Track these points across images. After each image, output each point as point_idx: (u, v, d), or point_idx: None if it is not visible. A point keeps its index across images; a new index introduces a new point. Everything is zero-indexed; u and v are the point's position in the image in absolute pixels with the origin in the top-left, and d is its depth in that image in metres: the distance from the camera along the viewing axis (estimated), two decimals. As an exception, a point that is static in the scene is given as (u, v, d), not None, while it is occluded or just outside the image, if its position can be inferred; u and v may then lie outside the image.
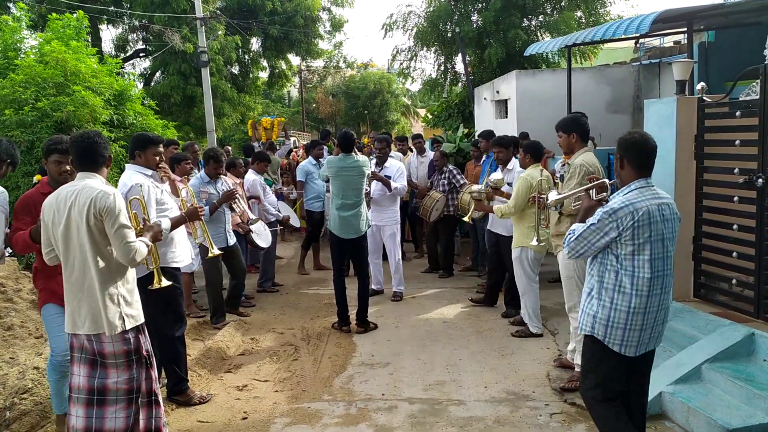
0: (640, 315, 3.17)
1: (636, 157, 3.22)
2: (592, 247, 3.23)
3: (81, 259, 3.27)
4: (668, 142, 5.26)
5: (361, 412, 4.52)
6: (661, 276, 3.17)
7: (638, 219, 3.10)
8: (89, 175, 3.36)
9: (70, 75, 7.90)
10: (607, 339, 3.24)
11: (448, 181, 8.28)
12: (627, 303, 3.17)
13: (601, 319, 3.24)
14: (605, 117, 10.11)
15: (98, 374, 3.29)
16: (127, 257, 3.29)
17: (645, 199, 3.15)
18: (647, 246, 3.13)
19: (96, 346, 3.29)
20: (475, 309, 7.00)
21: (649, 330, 3.22)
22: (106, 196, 3.23)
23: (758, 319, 4.68)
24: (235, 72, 23.81)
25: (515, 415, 4.40)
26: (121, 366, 3.32)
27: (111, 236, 3.26)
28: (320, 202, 8.88)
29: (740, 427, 3.77)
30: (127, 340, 3.32)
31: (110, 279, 3.31)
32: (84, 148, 3.36)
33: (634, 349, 3.21)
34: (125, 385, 3.32)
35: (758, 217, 4.63)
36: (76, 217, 3.23)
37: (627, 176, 3.26)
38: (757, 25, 8.38)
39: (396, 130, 31.63)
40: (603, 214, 3.17)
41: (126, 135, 8.26)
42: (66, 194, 3.29)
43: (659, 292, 3.18)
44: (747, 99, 4.71)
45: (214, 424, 4.37)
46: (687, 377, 4.37)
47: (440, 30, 14.70)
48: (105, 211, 3.21)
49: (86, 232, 3.23)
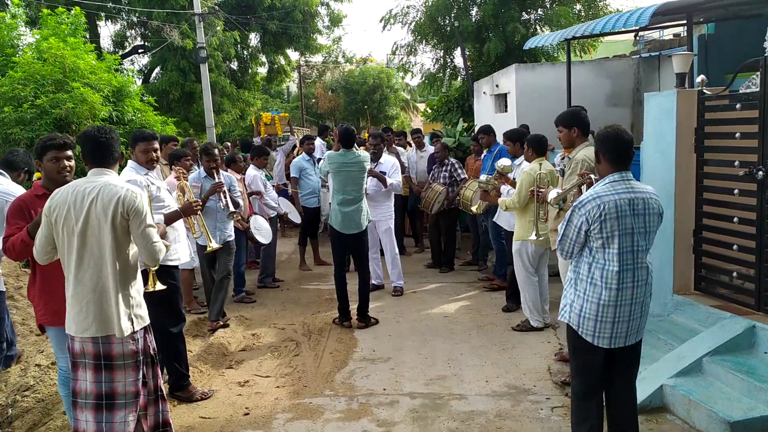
0: (611, 308, 3.19)
1: (610, 151, 3.26)
2: (574, 244, 3.29)
3: (98, 258, 3.17)
4: (668, 135, 5.25)
5: (363, 407, 4.53)
6: (632, 269, 3.19)
7: (605, 212, 3.13)
8: (104, 171, 3.28)
9: (68, 72, 7.91)
10: (580, 329, 3.29)
11: (449, 174, 8.28)
12: (597, 295, 3.21)
13: (575, 309, 3.31)
14: (605, 110, 10.08)
15: (104, 378, 3.20)
16: (153, 257, 3.27)
17: (615, 192, 3.18)
18: (615, 239, 3.16)
19: (103, 348, 3.19)
20: (475, 303, 7.00)
21: (624, 323, 3.22)
22: (133, 196, 3.19)
23: (759, 312, 4.68)
24: (234, 68, 23.74)
25: (516, 409, 4.41)
26: (129, 367, 3.24)
27: (137, 236, 3.21)
28: (315, 198, 8.88)
29: (741, 419, 3.78)
30: (136, 341, 3.26)
31: (126, 280, 3.25)
32: (100, 143, 3.28)
33: (607, 341, 3.23)
34: (133, 388, 3.25)
35: (759, 209, 4.62)
36: (99, 214, 3.14)
37: (603, 170, 3.31)
38: (757, 17, 8.36)
39: (395, 124, 31.55)
40: (573, 208, 3.25)
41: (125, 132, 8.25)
42: (85, 190, 3.18)
43: (631, 285, 3.19)
44: (747, 91, 4.70)
45: (215, 420, 4.38)
46: (688, 370, 4.38)
47: (439, 24, 14.65)
48: (133, 211, 3.17)
49: (110, 231, 3.15)
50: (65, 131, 7.77)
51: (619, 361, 3.32)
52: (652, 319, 5.27)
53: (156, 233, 3.29)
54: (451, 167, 8.34)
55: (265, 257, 8.14)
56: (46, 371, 4.82)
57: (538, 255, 5.83)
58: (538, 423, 4.19)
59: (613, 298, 3.18)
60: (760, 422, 3.79)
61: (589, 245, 3.25)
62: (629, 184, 3.22)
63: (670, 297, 5.33)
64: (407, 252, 9.66)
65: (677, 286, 5.33)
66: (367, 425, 4.25)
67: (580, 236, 3.23)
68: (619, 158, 3.26)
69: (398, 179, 7.39)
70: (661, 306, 5.39)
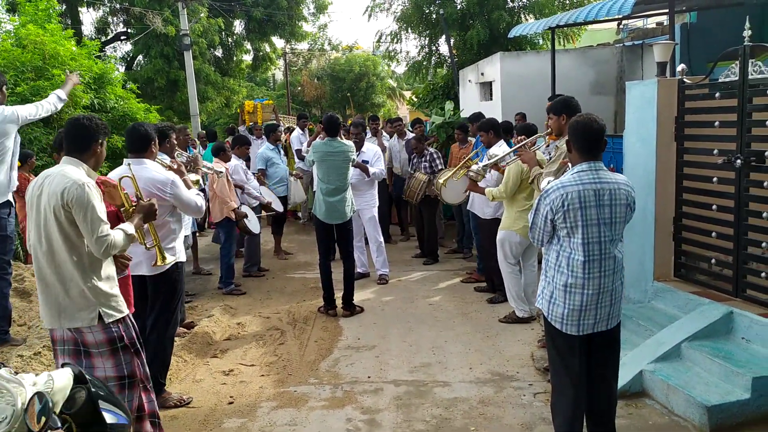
0: (578, 295, 3.20)
1: (579, 140, 3.24)
2: (543, 232, 3.30)
3: (52, 250, 3.10)
4: (649, 123, 5.30)
5: (347, 394, 4.56)
6: (598, 260, 3.18)
7: (568, 201, 3.14)
8: (73, 161, 3.16)
9: (48, 59, 7.82)
10: (549, 316, 3.32)
11: (429, 164, 8.28)
12: (564, 282, 3.23)
13: (545, 295, 3.35)
14: (589, 98, 10.11)
15: (84, 364, 3.13)
16: (100, 250, 3.09)
17: (580, 182, 3.16)
18: (579, 229, 3.16)
19: (77, 336, 3.18)
20: (460, 291, 7.05)
21: (593, 311, 3.23)
22: (76, 186, 3.03)
23: (737, 298, 4.76)
24: (219, 55, 23.56)
25: (499, 395, 4.46)
26: (105, 354, 3.19)
27: (83, 229, 3.08)
28: (284, 186, 8.85)
29: (719, 403, 3.85)
30: (108, 329, 3.19)
31: (87, 271, 3.13)
32: (69, 132, 3.18)
33: (575, 328, 3.25)
34: (114, 372, 3.19)
35: (737, 197, 4.69)
36: (46, 206, 3.07)
37: (574, 159, 3.30)
38: (738, 5, 8.42)
39: (382, 112, 31.47)
40: (540, 197, 3.27)
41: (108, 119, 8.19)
42: (44, 180, 3.13)
43: (598, 275, 3.19)
44: (726, 80, 4.75)
45: (200, 409, 4.39)
46: (667, 355, 4.45)
47: (424, 12, 14.61)
48: (74, 202, 3.02)
49: (55, 223, 3.06)
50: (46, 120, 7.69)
51: (596, 347, 3.34)
52: (632, 306, 5.35)
53: (105, 226, 3.10)
54: (430, 157, 8.34)
55: (250, 246, 8.13)
56: (29, 362, 4.80)
57: (524, 246, 5.81)
58: (520, 409, 4.24)
59: (579, 286, 3.19)
60: (737, 406, 3.87)
61: (556, 233, 3.26)
62: (597, 174, 3.19)
63: (651, 284, 5.40)
64: (393, 240, 9.68)
65: (658, 273, 5.40)
66: (352, 413, 4.28)
67: (547, 225, 3.25)
68: (588, 148, 3.22)
69: (381, 167, 7.40)
70: (642, 293, 5.46)
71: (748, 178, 4.61)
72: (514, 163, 5.54)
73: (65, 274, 3.11)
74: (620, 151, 5.75)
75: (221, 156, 7.42)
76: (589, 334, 3.27)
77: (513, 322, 5.91)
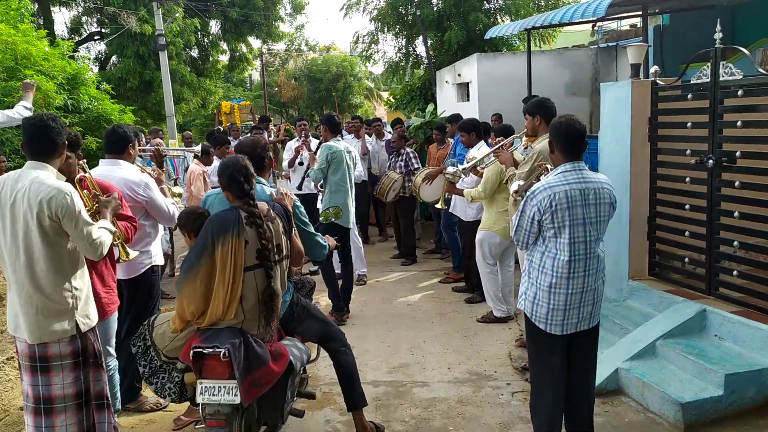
0: (562, 295, 3.22)
1: (563, 141, 3.27)
2: (528, 234, 3.30)
3: (29, 259, 2.93)
4: (623, 124, 5.36)
5: (326, 395, 4.55)
6: (583, 259, 3.21)
7: (556, 202, 3.15)
8: (39, 165, 2.97)
9: (20, 59, 7.69)
10: (533, 316, 3.33)
11: (405, 164, 8.31)
12: (548, 283, 3.24)
13: (529, 296, 3.35)
14: (564, 99, 10.21)
15: (41, 381, 2.97)
16: (96, 253, 3.02)
17: (566, 182, 3.19)
18: (566, 229, 3.18)
19: (39, 350, 2.97)
20: (438, 292, 7.07)
21: (575, 310, 3.26)
22: (62, 196, 2.88)
23: (709, 296, 4.83)
24: (195, 55, 23.37)
25: (478, 395, 4.48)
26: (67, 368, 3.01)
27: (75, 237, 2.96)
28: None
29: (692, 400, 3.91)
30: (75, 341, 3.03)
31: (63, 282, 3.00)
32: (33, 133, 2.98)
33: (559, 328, 3.27)
34: (72, 390, 3.02)
35: (709, 197, 4.76)
36: (26, 214, 2.88)
37: (557, 160, 3.33)
38: (710, 8, 8.57)
39: (360, 113, 31.50)
40: (525, 198, 3.28)
41: (81, 120, 8.08)
42: (13, 185, 2.92)
43: (582, 274, 3.22)
44: (698, 82, 4.82)
45: (176, 413, 4.33)
46: (642, 353, 4.50)
47: (400, 13, 14.66)
48: (63, 213, 2.88)
49: (38, 233, 2.89)
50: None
51: (576, 346, 3.37)
52: (608, 305, 5.40)
53: (95, 228, 3.02)
54: (407, 156, 8.37)
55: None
56: (1, 366, 4.71)
57: (503, 247, 5.79)
58: (498, 408, 4.27)
59: (564, 286, 3.21)
60: (710, 403, 3.94)
61: (542, 234, 3.27)
62: (581, 174, 3.23)
63: (626, 283, 5.46)
64: (371, 241, 9.67)
65: (632, 271, 5.47)
66: (330, 414, 4.27)
67: (533, 226, 3.25)
68: (571, 148, 3.26)
69: (360, 169, 7.38)
70: (617, 291, 5.52)
71: (719, 178, 4.69)
72: (492, 164, 5.57)
73: (46, 284, 2.95)
74: (595, 152, 5.81)
75: (203, 159, 7.33)
76: (570, 334, 3.30)
77: (491, 322, 5.93)
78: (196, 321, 3.14)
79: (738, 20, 9.06)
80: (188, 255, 3.18)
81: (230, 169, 3.19)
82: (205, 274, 3.05)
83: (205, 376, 3.09)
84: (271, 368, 3.21)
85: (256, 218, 3.14)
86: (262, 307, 3.18)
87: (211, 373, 3.09)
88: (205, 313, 3.10)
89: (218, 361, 3.03)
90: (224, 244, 3.04)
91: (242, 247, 3.08)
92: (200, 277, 3.05)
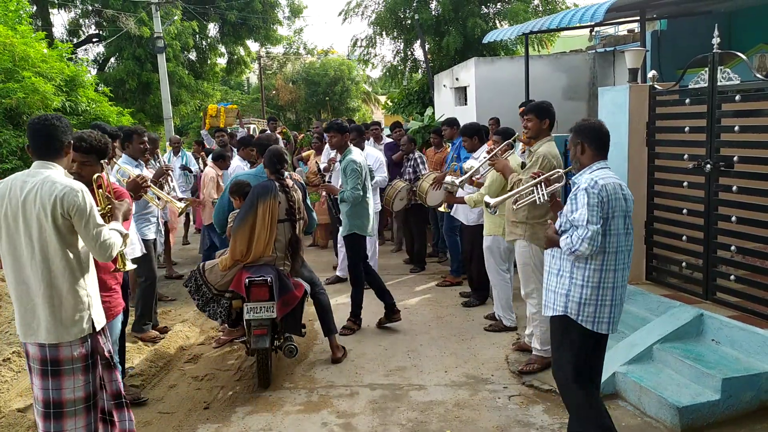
0: (609, 290, 3.27)
1: (596, 140, 3.40)
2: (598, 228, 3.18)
3: (44, 258, 2.91)
4: (621, 128, 5.37)
5: (323, 398, 4.54)
6: (624, 251, 3.30)
7: (609, 193, 3.22)
8: (47, 164, 2.98)
9: (18, 60, 7.69)
10: (579, 317, 3.30)
11: (413, 169, 8.15)
12: (598, 278, 3.26)
13: (573, 298, 3.31)
14: (562, 104, 10.21)
15: (51, 386, 2.96)
16: (105, 255, 3.00)
17: (611, 176, 3.32)
18: (614, 221, 3.24)
19: (50, 353, 2.96)
20: (435, 295, 7.07)
21: (618, 306, 3.33)
22: (74, 194, 2.89)
23: (707, 301, 4.84)
24: (193, 58, 23.36)
25: (474, 398, 4.48)
26: (78, 371, 3.00)
27: (84, 236, 2.95)
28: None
29: (689, 404, 3.91)
30: (86, 343, 3.02)
31: (77, 278, 2.99)
32: (39, 133, 2.99)
33: (606, 326, 3.30)
34: (82, 393, 3.01)
35: (706, 201, 4.78)
36: (39, 213, 2.88)
37: (588, 159, 3.41)
38: (708, 14, 8.62)
39: (357, 117, 31.51)
40: (590, 192, 3.20)
41: (79, 122, 8.07)
42: (23, 185, 2.91)
43: (622, 267, 3.31)
44: (696, 87, 4.84)
45: (174, 415, 4.33)
46: (639, 357, 4.51)
47: (399, 17, 14.69)
48: (74, 211, 2.89)
49: (53, 232, 2.89)
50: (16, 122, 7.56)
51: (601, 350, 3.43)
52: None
53: (106, 229, 3.02)
54: (414, 162, 8.19)
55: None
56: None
57: (510, 250, 5.62)
58: (495, 411, 4.27)
59: (611, 280, 3.26)
60: (707, 407, 3.94)
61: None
62: (611, 171, 3.39)
63: (623, 287, 5.46)
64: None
65: (630, 276, 5.42)
66: (327, 417, 4.27)
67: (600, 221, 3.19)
68: (603, 147, 3.41)
69: (384, 174, 7.30)
70: (615, 295, 5.52)
71: (717, 183, 4.71)
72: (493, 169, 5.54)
73: (63, 283, 2.95)
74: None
75: (219, 163, 7.28)
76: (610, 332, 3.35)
77: (500, 331, 5.78)
78: (243, 258, 4.59)
79: (735, 26, 9.10)
80: (239, 212, 4.67)
81: (272, 154, 4.76)
82: (251, 223, 4.53)
83: (252, 299, 4.47)
84: (294, 294, 4.67)
85: (285, 187, 4.70)
86: (288, 249, 4.74)
87: (256, 296, 4.47)
88: (250, 251, 4.57)
89: (262, 287, 4.43)
90: (264, 203, 4.54)
91: (276, 205, 4.59)
92: (248, 225, 4.54)
